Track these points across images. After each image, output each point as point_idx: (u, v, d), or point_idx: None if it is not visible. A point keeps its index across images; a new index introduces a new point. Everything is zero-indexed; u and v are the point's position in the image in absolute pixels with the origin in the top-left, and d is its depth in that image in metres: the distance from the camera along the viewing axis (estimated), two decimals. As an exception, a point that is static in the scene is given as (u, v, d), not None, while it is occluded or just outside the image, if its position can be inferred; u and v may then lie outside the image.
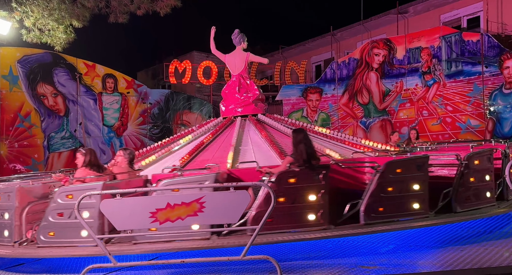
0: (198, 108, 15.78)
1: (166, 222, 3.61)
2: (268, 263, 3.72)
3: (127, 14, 11.64)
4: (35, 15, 10.37)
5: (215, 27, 7.87)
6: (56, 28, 10.84)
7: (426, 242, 4.58)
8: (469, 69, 11.42)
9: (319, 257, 4.32)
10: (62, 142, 12.76)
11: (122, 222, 3.70)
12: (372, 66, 13.43)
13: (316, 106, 14.64)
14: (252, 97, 7.71)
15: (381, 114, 13.22)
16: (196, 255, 4.42)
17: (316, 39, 17.37)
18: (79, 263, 4.57)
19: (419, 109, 12.35)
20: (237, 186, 3.66)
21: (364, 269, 3.75)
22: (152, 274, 4.15)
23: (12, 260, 4.80)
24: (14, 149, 11.83)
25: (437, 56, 12.04)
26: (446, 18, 13.70)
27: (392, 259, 4.00)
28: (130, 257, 4.50)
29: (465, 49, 11.48)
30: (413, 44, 12.58)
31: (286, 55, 18.42)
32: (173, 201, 3.59)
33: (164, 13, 11.56)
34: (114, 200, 3.70)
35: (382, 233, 4.67)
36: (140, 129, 14.43)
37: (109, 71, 13.85)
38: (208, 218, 3.69)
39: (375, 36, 14.99)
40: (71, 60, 13.09)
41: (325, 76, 14.69)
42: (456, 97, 11.66)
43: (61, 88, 12.89)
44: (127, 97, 14.14)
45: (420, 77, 12.40)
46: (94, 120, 13.47)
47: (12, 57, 12.03)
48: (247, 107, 7.74)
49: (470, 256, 3.89)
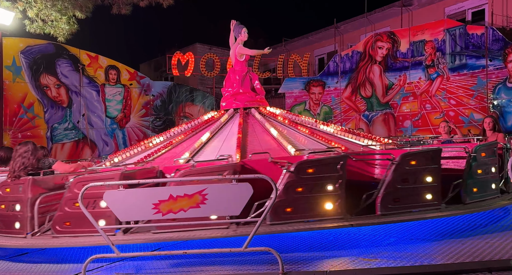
0: (201, 100, 15.78)
1: (169, 213, 3.65)
2: (271, 254, 3.75)
3: (130, 6, 11.61)
4: (38, 5, 10.35)
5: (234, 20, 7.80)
6: (59, 19, 10.82)
7: (427, 235, 4.61)
8: (473, 62, 11.36)
9: (320, 249, 4.35)
10: (65, 133, 12.80)
11: (125, 213, 3.74)
12: (376, 59, 13.37)
13: (318, 99, 14.61)
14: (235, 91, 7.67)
15: (384, 108, 13.19)
16: (213, 244, 4.45)
17: (319, 32, 17.29)
18: (84, 253, 4.61)
19: (422, 103, 12.31)
20: (239, 178, 3.69)
21: (366, 261, 3.77)
22: (155, 265, 4.19)
23: (15, 250, 4.85)
24: (18, 139, 11.87)
25: (441, 50, 11.97)
26: (450, 11, 13.60)
27: (393, 252, 4.02)
28: (136, 247, 4.54)
29: (470, 42, 11.41)
30: (417, 37, 12.51)
31: (289, 47, 18.35)
32: (176, 193, 3.62)
33: (167, 5, 11.52)
34: (117, 191, 3.73)
35: (388, 225, 4.73)
36: (143, 121, 14.45)
37: (112, 62, 13.84)
38: (210, 210, 3.72)
39: (379, 29, 14.91)
40: (74, 51, 13.08)
41: (328, 69, 14.64)
42: (459, 91, 11.61)
43: (64, 79, 12.90)
44: (130, 89, 14.15)
45: (423, 71, 12.34)
46: (97, 112, 13.49)
47: (15, 48, 12.03)
48: (229, 101, 7.70)
49: (471, 249, 3.91)
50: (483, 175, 5.14)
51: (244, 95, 7.67)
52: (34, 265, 4.38)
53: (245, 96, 7.68)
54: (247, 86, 7.69)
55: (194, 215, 3.68)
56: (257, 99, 7.78)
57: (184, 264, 4.14)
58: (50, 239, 4.42)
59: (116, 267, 4.16)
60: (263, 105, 7.90)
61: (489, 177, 5.23)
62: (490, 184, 5.24)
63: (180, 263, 4.16)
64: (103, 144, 13.50)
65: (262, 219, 3.61)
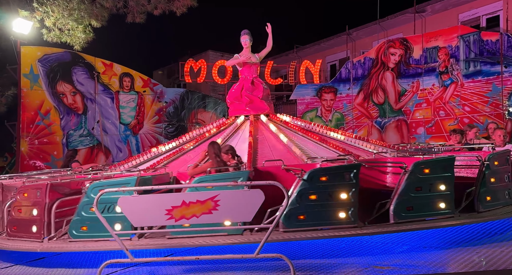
0: (213, 107, 15.89)
1: (181, 219, 3.69)
2: (282, 261, 3.75)
3: (144, 14, 11.80)
4: (56, 15, 10.61)
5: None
6: (75, 28, 11.07)
7: (441, 243, 4.56)
8: (487, 69, 11.23)
9: (332, 256, 4.34)
10: (80, 139, 13.01)
11: (138, 219, 3.80)
12: (388, 66, 13.31)
13: (330, 106, 14.58)
14: None
15: (397, 114, 13.10)
16: (225, 250, 4.48)
17: (331, 39, 17.28)
18: (100, 258, 4.68)
19: (436, 109, 12.20)
20: (252, 184, 3.72)
21: (378, 269, 3.75)
22: (168, 270, 4.23)
23: (32, 254, 4.93)
24: (34, 146, 12.12)
25: (454, 56, 11.87)
26: (464, 17, 13.49)
27: (406, 260, 3.99)
28: (149, 252, 4.59)
29: (484, 48, 11.29)
30: (430, 43, 12.42)
31: (301, 54, 18.38)
32: (189, 199, 3.66)
33: (181, 12, 11.68)
34: (131, 197, 3.79)
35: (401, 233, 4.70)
36: (156, 128, 14.61)
37: (126, 70, 14.06)
38: (223, 216, 3.75)
39: (392, 35, 14.85)
40: (89, 59, 13.33)
41: (340, 75, 14.62)
42: (474, 97, 11.48)
43: (79, 86, 13.14)
44: (143, 96, 14.34)
45: (437, 77, 12.24)
46: (111, 118, 13.69)
47: (33, 56, 12.31)
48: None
49: (485, 258, 3.86)
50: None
51: (254, 102, 7.76)
52: (51, 269, 4.46)
53: (254, 103, 7.76)
54: (257, 93, 7.77)
55: (207, 221, 3.71)
56: (266, 106, 7.85)
57: (196, 269, 4.17)
58: (66, 244, 4.50)
59: (130, 272, 4.21)
60: (271, 112, 7.96)
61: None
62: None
63: (192, 269, 4.19)
64: (117, 150, 13.68)
65: (273, 225, 3.63)
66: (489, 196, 5.00)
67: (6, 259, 4.94)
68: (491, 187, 5.02)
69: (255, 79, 7.86)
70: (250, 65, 7.81)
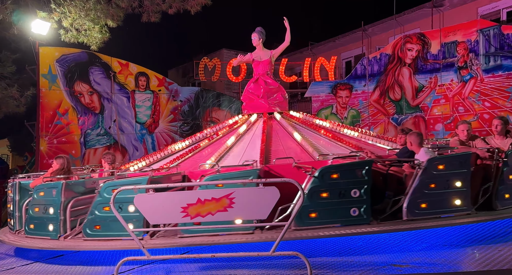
0: (227, 105, 15.89)
1: (197, 217, 3.68)
2: (298, 258, 3.72)
3: (159, 13, 11.86)
4: (73, 15, 10.74)
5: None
6: (92, 28, 11.19)
7: (461, 241, 4.45)
8: (508, 63, 10.93)
9: (350, 254, 4.28)
10: (97, 138, 13.18)
11: (155, 216, 3.81)
12: (405, 62, 13.09)
13: (346, 103, 14.43)
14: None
15: (414, 111, 12.88)
16: (240, 248, 4.47)
17: (346, 35, 17.09)
18: (115, 256, 4.72)
19: (455, 105, 11.94)
20: (266, 182, 3.69)
21: (397, 267, 3.68)
22: (184, 268, 4.24)
23: (50, 252, 5.02)
24: (53, 145, 12.33)
25: (474, 50, 11.59)
26: (484, 11, 13.16)
27: (426, 258, 3.91)
28: (164, 250, 4.61)
29: (505, 42, 10.99)
30: (448, 38, 12.16)
31: (315, 51, 18.24)
32: (204, 197, 3.66)
33: (195, 11, 11.70)
34: (147, 195, 3.81)
35: (418, 230, 4.61)
36: (171, 126, 14.69)
37: (142, 69, 14.17)
38: (238, 213, 3.73)
39: (408, 30, 14.59)
40: (106, 59, 13.48)
41: (356, 72, 14.44)
42: (494, 93, 11.19)
43: (96, 86, 13.31)
44: (159, 95, 14.43)
45: (455, 72, 11.98)
46: (127, 117, 13.83)
47: (51, 57, 12.52)
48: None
49: (508, 256, 3.74)
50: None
51: (253, 101, 7.72)
52: (69, 267, 4.53)
53: (254, 102, 7.72)
54: (257, 92, 7.72)
55: (222, 218, 3.70)
56: (265, 105, 7.76)
57: (212, 267, 4.16)
58: (82, 242, 4.55)
59: (147, 270, 4.23)
60: (284, 109, 7.89)
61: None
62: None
63: (208, 267, 4.19)
64: (133, 149, 13.81)
65: (289, 223, 3.60)
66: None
67: (25, 256, 5.04)
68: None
69: (262, 76, 7.74)
70: (258, 62, 7.76)
